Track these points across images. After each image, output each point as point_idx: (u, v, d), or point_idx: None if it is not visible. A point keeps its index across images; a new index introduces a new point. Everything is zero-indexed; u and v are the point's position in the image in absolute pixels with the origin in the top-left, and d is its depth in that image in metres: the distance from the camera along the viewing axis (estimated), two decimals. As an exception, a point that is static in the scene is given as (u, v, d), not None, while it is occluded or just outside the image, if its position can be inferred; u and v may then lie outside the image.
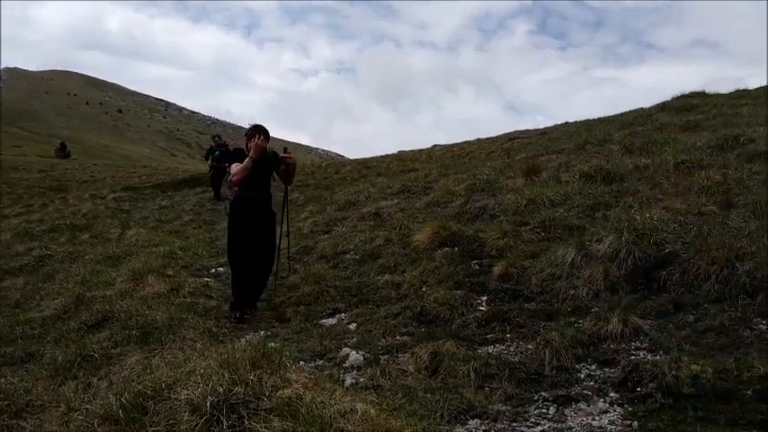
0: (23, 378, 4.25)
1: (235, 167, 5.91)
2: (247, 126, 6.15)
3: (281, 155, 6.10)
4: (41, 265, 10.15)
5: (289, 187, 6.57)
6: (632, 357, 3.71)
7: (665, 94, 15.62)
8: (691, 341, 3.75)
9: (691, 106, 14.13)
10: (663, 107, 15.09)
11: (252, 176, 5.86)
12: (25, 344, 5.44)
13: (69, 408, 3.52)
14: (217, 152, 17.77)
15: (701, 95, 15.31)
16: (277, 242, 6.27)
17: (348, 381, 3.98)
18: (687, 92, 15.77)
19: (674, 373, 3.24)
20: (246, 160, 5.82)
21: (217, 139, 18.87)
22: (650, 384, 3.29)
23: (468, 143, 23.28)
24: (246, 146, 5.98)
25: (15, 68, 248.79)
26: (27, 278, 9.17)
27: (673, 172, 7.55)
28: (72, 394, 3.77)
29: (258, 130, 5.91)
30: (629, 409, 3.20)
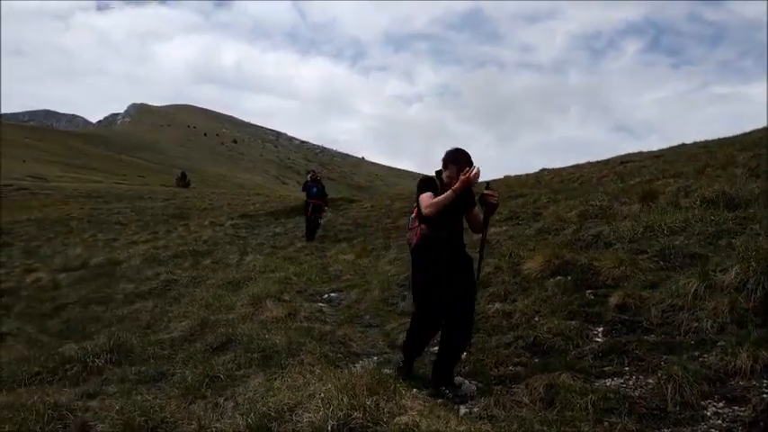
0: (157, 396, 4.58)
1: (427, 198, 4.68)
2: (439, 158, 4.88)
3: (484, 191, 4.74)
4: (168, 288, 10.87)
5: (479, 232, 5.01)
6: (764, 396, 3.50)
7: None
8: (831, 380, 3.51)
9: (824, 125, 13.18)
10: (792, 126, 14.16)
11: (445, 212, 4.63)
12: (157, 363, 5.81)
13: (200, 426, 3.76)
14: (314, 189, 16.45)
15: (834, 113, 14.23)
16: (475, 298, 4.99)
17: (462, 410, 4.01)
18: (818, 109, 14.66)
19: (812, 414, 3.05)
20: (450, 192, 4.53)
21: (312, 174, 17.55)
22: (785, 425, 3.11)
23: (578, 167, 22.68)
24: (440, 174, 4.85)
25: (142, 104, 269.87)
26: (156, 301, 9.86)
27: (805, 197, 7.07)
28: (202, 413, 4.00)
29: (464, 156, 4.73)
30: (763, 451, 3.03)
